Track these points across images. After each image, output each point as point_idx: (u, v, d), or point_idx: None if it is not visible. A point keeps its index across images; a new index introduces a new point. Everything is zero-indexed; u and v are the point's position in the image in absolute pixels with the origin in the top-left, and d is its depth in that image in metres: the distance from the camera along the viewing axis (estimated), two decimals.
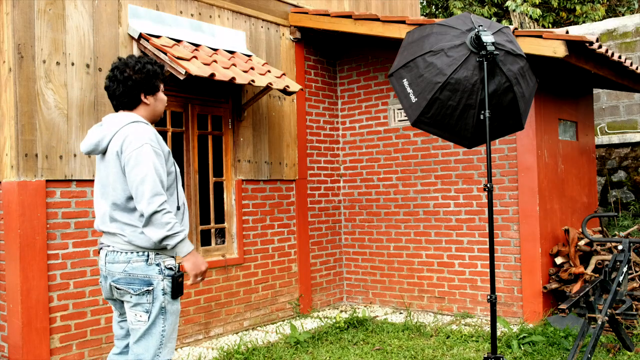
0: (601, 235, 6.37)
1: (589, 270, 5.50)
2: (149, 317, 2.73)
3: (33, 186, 4.31)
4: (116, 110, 2.94)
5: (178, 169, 2.94)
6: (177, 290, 2.78)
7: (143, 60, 2.88)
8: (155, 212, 2.63)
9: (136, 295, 2.74)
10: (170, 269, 2.79)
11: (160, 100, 2.95)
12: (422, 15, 15.36)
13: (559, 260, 5.65)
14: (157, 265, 2.76)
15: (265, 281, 6.05)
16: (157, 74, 2.90)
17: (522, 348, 4.72)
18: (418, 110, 3.29)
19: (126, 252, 2.75)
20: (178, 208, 2.85)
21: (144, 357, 2.76)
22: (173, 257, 2.84)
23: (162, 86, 2.96)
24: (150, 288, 2.73)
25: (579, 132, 6.68)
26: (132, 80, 2.82)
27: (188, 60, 4.75)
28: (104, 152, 2.85)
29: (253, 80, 5.12)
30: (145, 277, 2.74)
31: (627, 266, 4.37)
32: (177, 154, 5.14)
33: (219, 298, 5.55)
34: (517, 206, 5.71)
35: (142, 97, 2.87)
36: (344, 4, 7.37)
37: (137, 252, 2.74)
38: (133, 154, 2.68)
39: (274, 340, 5.33)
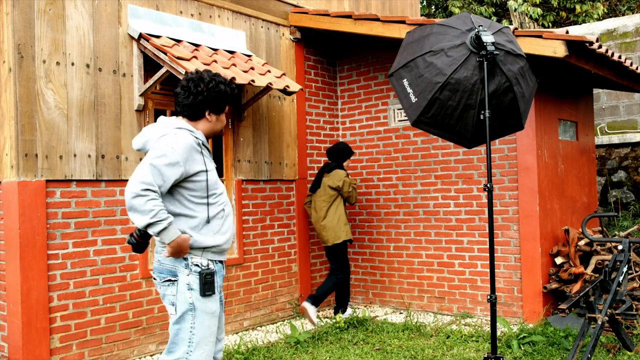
0: (601, 235, 6.37)
1: (589, 270, 5.50)
2: (175, 310, 2.80)
3: (33, 186, 4.31)
4: (176, 115, 2.98)
5: (212, 182, 2.89)
6: (205, 287, 2.80)
7: (218, 79, 2.92)
8: (138, 195, 2.61)
9: (161, 283, 2.85)
10: (197, 265, 2.83)
11: (220, 121, 3.01)
12: (421, 15, 15.36)
13: (559, 260, 5.65)
14: (184, 259, 2.82)
15: (265, 281, 6.05)
16: (227, 96, 2.95)
17: (522, 348, 4.72)
18: (418, 110, 3.29)
19: (162, 245, 2.86)
20: (207, 221, 2.86)
21: (174, 355, 2.80)
22: (208, 258, 2.87)
23: (227, 108, 3.00)
24: (174, 279, 2.80)
25: (579, 132, 6.68)
26: (202, 96, 2.87)
27: (188, 60, 4.74)
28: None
29: (253, 80, 5.12)
30: (172, 268, 2.81)
31: (627, 266, 4.37)
32: None
33: None
34: (517, 206, 5.71)
35: (207, 114, 2.93)
36: (344, 4, 7.37)
37: None
38: (156, 144, 2.77)
39: (274, 340, 5.33)
